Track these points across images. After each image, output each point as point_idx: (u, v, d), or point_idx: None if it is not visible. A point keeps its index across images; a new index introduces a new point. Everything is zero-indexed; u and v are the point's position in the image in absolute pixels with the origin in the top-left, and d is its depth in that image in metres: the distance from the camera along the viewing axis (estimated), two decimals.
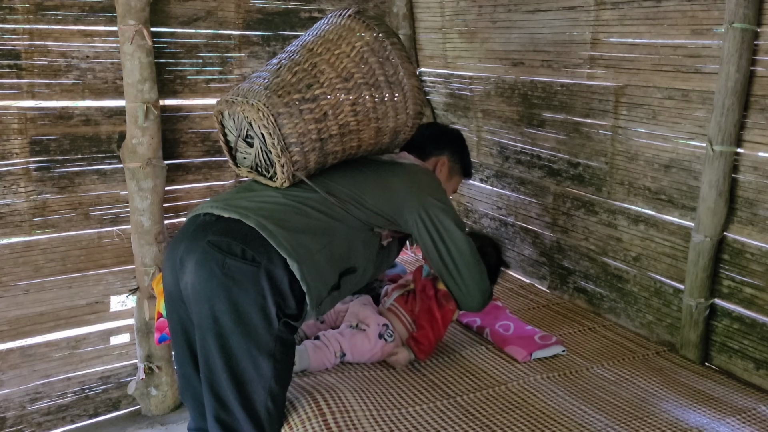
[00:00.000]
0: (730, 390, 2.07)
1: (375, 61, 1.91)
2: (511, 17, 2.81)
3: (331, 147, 1.89)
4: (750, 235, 2.11)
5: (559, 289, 2.86)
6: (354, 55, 1.89)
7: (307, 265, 1.75)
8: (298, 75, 1.85)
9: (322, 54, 1.88)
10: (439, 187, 2.14)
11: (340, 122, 1.87)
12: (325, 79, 1.85)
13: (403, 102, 1.98)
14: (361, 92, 1.89)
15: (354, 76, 1.88)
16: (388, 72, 1.93)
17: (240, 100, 1.82)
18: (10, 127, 2.53)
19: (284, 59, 1.91)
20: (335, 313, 2.29)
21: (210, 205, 1.85)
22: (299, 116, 1.81)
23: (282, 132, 1.79)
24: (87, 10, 2.59)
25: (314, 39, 1.93)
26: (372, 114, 1.93)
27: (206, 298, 1.72)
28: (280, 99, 1.79)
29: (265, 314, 1.71)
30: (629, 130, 2.43)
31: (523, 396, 2.00)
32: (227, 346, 1.72)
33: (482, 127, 3.16)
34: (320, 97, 1.84)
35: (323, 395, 1.88)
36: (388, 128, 2.00)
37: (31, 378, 2.71)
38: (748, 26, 1.96)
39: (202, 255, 1.73)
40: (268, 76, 1.85)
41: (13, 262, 2.61)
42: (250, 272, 1.70)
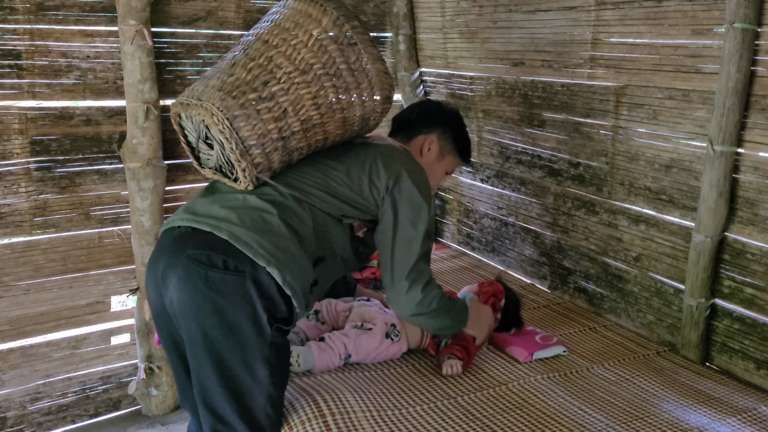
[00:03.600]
0: (731, 390, 2.07)
1: (335, 49, 1.78)
2: (511, 17, 2.81)
3: (294, 144, 1.80)
4: (751, 235, 2.11)
5: (559, 289, 2.86)
6: (312, 44, 1.76)
7: (289, 267, 1.70)
8: (253, 72, 1.73)
9: (278, 46, 1.76)
10: (420, 170, 2.00)
11: (301, 118, 1.77)
12: (282, 74, 1.74)
13: (369, 89, 1.87)
14: (322, 84, 1.78)
15: (313, 68, 1.76)
16: (350, 59, 1.80)
17: (194, 102, 1.71)
18: (10, 127, 2.53)
19: (239, 54, 1.79)
20: (336, 314, 2.29)
21: (181, 217, 1.78)
22: (257, 117, 1.70)
23: (240, 135, 1.69)
24: (88, 10, 2.59)
25: (269, 28, 1.80)
26: (336, 105, 1.82)
27: (193, 314, 1.67)
28: (235, 101, 1.69)
29: (257, 322, 1.67)
30: (630, 130, 2.43)
31: (524, 396, 2.00)
32: (221, 360, 1.67)
33: (483, 127, 3.16)
34: (278, 94, 1.73)
35: (323, 396, 1.87)
36: (356, 117, 1.89)
37: (32, 378, 2.71)
38: (748, 26, 1.96)
39: (184, 270, 1.67)
40: (222, 75, 1.74)
41: (14, 262, 2.61)
42: (236, 282, 1.66)
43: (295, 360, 2.04)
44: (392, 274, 1.93)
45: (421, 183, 1.96)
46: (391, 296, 1.98)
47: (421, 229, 1.92)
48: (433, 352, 2.22)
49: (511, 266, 3.12)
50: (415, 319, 2.00)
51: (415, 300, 1.93)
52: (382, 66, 1.87)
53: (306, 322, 2.27)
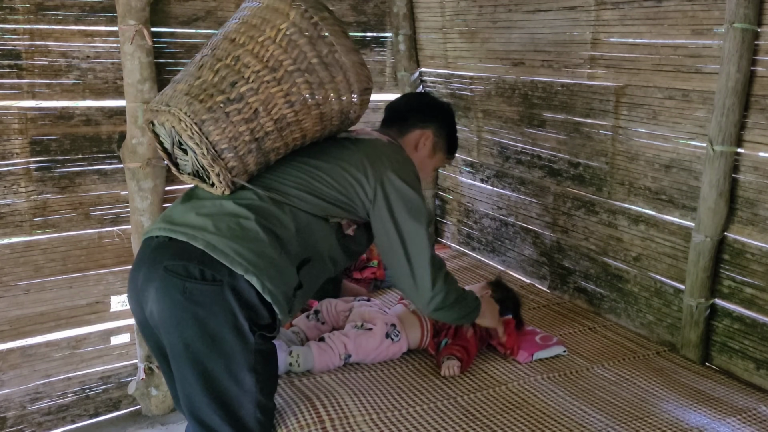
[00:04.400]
0: (731, 390, 2.07)
1: (305, 43, 1.70)
2: (511, 17, 2.81)
3: (270, 144, 1.73)
4: (750, 235, 2.11)
5: (559, 289, 2.86)
6: (280, 39, 1.68)
7: (268, 273, 1.66)
8: (220, 73, 1.67)
9: (245, 44, 1.69)
10: (407, 164, 1.96)
11: (274, 117, 1.70)
12: (250, 74, 1.67)
13: (344, 82, 1.78)
14: (294, 80, 1.70)
15: (283, 64, 1.68)
16: (322, 52, 1.72)
17: (163, 108, 1.65)
18: (10, 127, 2.53)
19: (206, 55, 1.72)
20: (337, 314, 2.30)
21: (158, 226, 1.74)
22: (226, 120, 1.64)
23: (210, 140, 1.63)
24: (87, 10, 2.59)
25: (236, 26, 1.73)
26: (311, 101, 1.74)
27: (173, 326, 1.65)
28: (203, 104, 1.62)
29: (239, 331, 1.64)
30: (630, 130, 2.43)
31: (524, 396, 2.00)
32: (205, 371, 1.65)
33: (483, 127, 3.16)
34: (247, 94, 1.66)
35: (322, 401, 1.87)
36: (333, 111, 1.82)
37: (32, 378, 2.71)
38: (748, 26, 1.96)
39: (161, 283, 1.64)
40: (190, 78, 1.68)
41: (14, 262, 2.61)
42: (214, 292, 1.62)
43: (295, 360, 2.04)
44: (413, 273, 1.90)
45: (410, 177, 1.92)
46: (416, 295, 1.94)
47: (423, 221, 1.90)
48: (433, 352, 2.22)
49: (511, 266, 3.12)
50: (440, 313, 1.98)
51: (441, 293, 1.92)
52: (357, 57, 1.78)
53: (306, 322, 2.27)
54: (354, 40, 3.25)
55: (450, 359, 2.12)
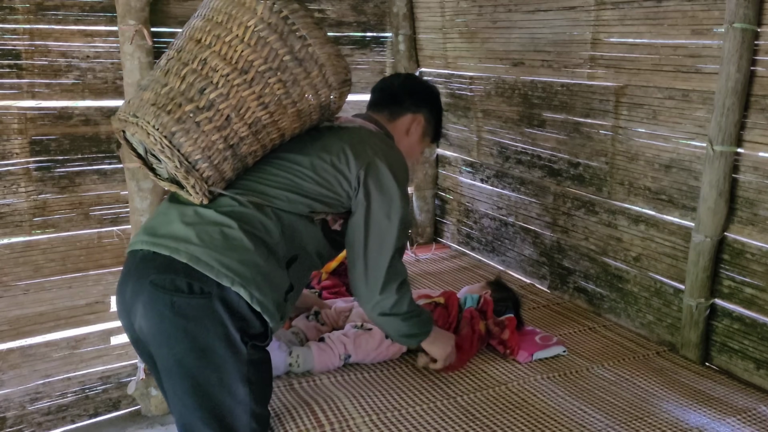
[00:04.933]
0: (731, 390, 2.07)
1: (275, 39, 1.59)
2: (511, 17, 2.81)
3: (246, 149, 1.65)
4: (750, 235, 2.11)
5: (559, 289, 2.86)
6: (248, 38, 1.57)
7: (256, 283, 1.61)
8: (187, 79, 1.57)
9: (211, 45, 1.58)
10: (395, 155, 1.87)
11: (248, 122, 1.61)
12: (218, 78, 1.57)
13: (320, 76, 1.68)
14: (266, 81, 1.60)
15: (253, 65, 1.58)
16: (294, 47, 1.61)
17: (131, 120, 1.57)
18: (10, 127, 2.53)
19: (172, 58, 1.62)
20: (336, 314, 2.30)
21: (141, 239, 1.67)
22: (197, 130, 1.55)
23: (182, 152, 1.55)
24: (87, 10, 2.59)
25: (201, 24, 1.62)
26: (286, 100, 1.65)
27: (163, 342, 1.61)
28: (171, 116, 1.54)
29: (230, 343, 1.60)
30: (629, 130, 2.43)
31: (524, 396, 2.00)
32: (198, 385, 1.61)
33: (482, 127, 3.16)
34: (217, 101, 1.56)
35: (321, 406, 1.87)
36: (311, 107, 1.73)
37: (31, 378, 2.71)
38: (748, 26, 1.96)
39: (148, 298, 1.60)
40: (156, 86, 1.59)
41: (14, 262, 2.61)
42: (202, 305, 1.58)
43: (295, 360, 2.04)
44: (366, 270, 1.82)
45: (398, 170, 1.84)
46: (363, 294, 1.86)
47: (396, 221, 1.81)
48: None
49: (511, 266, 3.12)
50: (384, 319, 1.88)
51: (390, 300, 1.84)
52: (332, 49, 1.68)
53: (306, 323, 2.27)
54: (354, 40, 3.30)
55: None
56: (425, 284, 2.92)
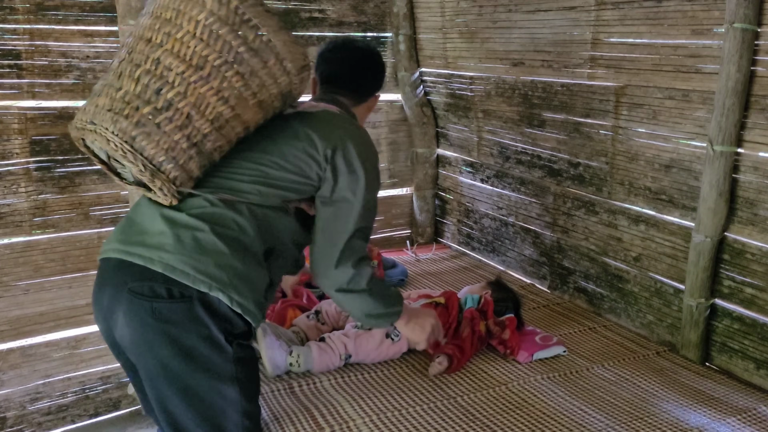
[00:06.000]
0: (731, 390, 2.07)
1: (228, 31, 1.55)
2: (511, 17, 2.81)
3: (210, 146, 1.61)
4: (750, 236, 2.11)
5: (559, 289, 2.86)
6: (200, 33, 1.53)
7: (234, 286, 1.59)
8: (142, 80, 1.52)
9: (162, 43, 1.54)
10: (360, 134, 1.84)
11: (210, 118, 1.57)
12: (174, 77, 1.53)
13: (278, 64, 1.64)
14: (223, 75, 1.56)
15: (208, 60, 1.54)
16: (248, 38, 1.57)
17: (88, 127, 1.53)
18: (10, 127, 2.53)
19: (124, 60, 1.57)
20: (337, 314, 2.29)
21: (114, 247, 1.64)
22: (158, 131, 1.52)
23: (145, 156, 1.52)
24: (87, 10, 2.59)
25: (150, 23, 1.57)
26: (246, 93, 1.61)
27: (147, 349, 1.59)
28: (129, 120, 1.50)
29: (215, 344, 1.59)
30: (630, 130, 2.43)
31: (524, 396, 2.00)
32: (186, 389, 1.60)
33: (483, 127, 3.16)
34: (175, 100, 1.53)
35: (320, 410, 1.87)
36: (273, 96, 1.68)
37: (32, 378, 2.71)
38: (748, 26, 1.96)
39: (128, 306, 1.57)
40: (110, 90, 1.54)
41: (14, 262, 2.61)
42: (184, 309, 1.56)
43: (296, 360, 2.04)
44: (324, 244, 1.78)
45: (366, 150, 1.82)
46: (320, 269, 1.81)
47: (360, 197, 1.77)
48: (432, 352, 2.22)
49: (511, 266, 3.12)
50: (341, 296, 1.83)
51: (346, 275, 1.79)
52: (287, 36, 1.63)
53: (306, 322, 2.27)
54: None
55: (437, 357, 2.12)
56: (425, 284, 2.92)
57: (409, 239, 3.58)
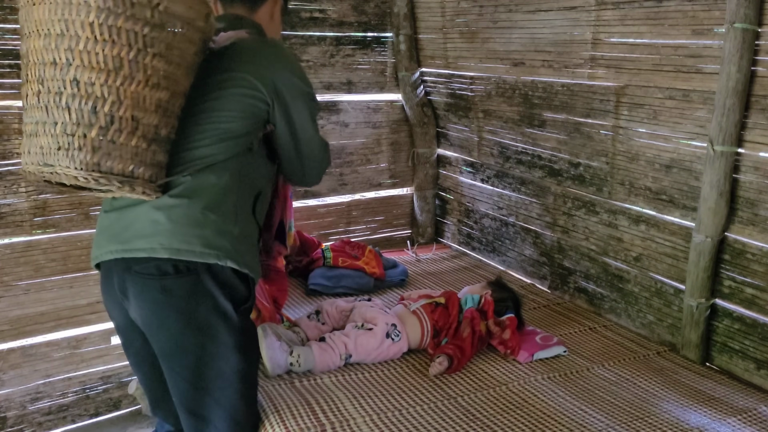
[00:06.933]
0: (731, 390, 2.07)
1: (125, 20, 1.45)
2: (511, 17, 2.81)
3: (165, 132, 1.59)
4: (751, 236, 2.11)
5: (559, 289, 2.86)
6: (100, 34, 1.44)
7: (236, 250, 1.66)
8: (72, 106, 1.45)
9: (71, 61, 1.44)
10: (280, 51, 1.82)
11: (152, 108, 1.54)
12: (100, 89, 1.46)
13: (188, 26, 1.57)
14: (143, 63, 1.49)
15: (122, 57, 1.46)
16: (147, 16, 1.47)
17: (47, 170, 1.49)
18: (10, 127, 2.53)
19: (42, 92, 1.48)
20: (338, 313, 2.30)
21: (110, 249, 1.67)
22: (115, 147, 1.48)
23: (115, 173, 1.49)
24: None
25: (43, 44, 1.47)
26: (171, 68, 1.55)
27: (160, 325, 1.65)
28: (84, 150, 1.45)
29: (223, 314, 1.66)
30: (630, 130, 2.43)
31: (524, 396, 2.00)
32: (199, 360, 1.67)
33: (483, 127, 3.16)
34: (115, 110, 1.48)
35: (321, 406, 1.88)
36: (193, 53, 1.62)
37: (32, 378, 2.71)
38: (748, 26, 1.96)
39: (139, 287, 1.63)
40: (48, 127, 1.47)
41: (14, 261, 2.61)
42: (193, 283, 1.62)
43: (296, 360, 2.05)
44: (303, 165, 1.89)
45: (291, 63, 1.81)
46: (306, 180, 1.97)
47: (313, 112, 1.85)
48: (432, 352, 2.22)
49: (512, 266, 3.12)
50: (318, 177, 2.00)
51: (324, 167, 1.98)
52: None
53: (306, 322, 2.27)
54: (355, 40, 3.30)
55: (438, 357, 2.12)
56: (426, 284, 2.92)
57: (410, 239, 3.58)
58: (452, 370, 2.12)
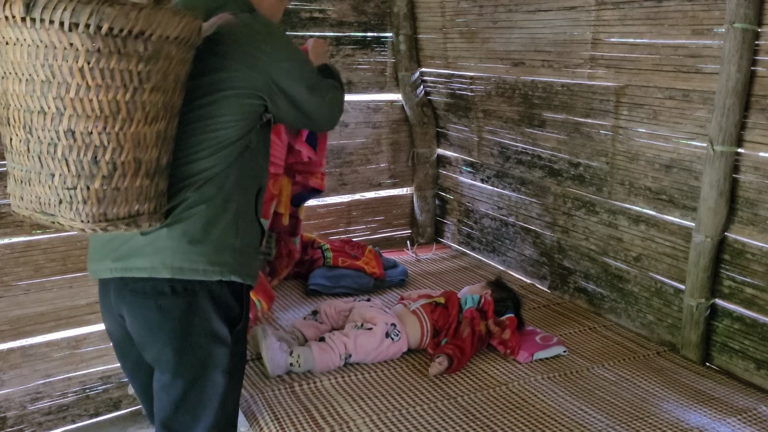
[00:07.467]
0: (731, 390, 2.07)
1: (118, 60, 1.31)
2: (511, 17, 2.81)
3: (166, 159, 1.50)
4: (751, 236, 2.11)
5: (559, 289, 2.86)
6: (92, 79, 1.29)
7: (239, 261, 1.61)
8: (71, 158, 1.34)
9: (63, 110, 1.30)
10: (270, 34, 1.65)
11: (152, 143, 1.44)
12: (98, 138, 1.34)
13: (179, 47, 1.42)
14: (140, 101, 1.37)
15: (118, 100, 1.33)
16: (140, 50, 1.33)
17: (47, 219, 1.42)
18: None
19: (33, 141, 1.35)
20: (336, 313, 2.30)
21: (107, 267, 1.60)
22: (120, 193, 1.40)
23: (121, 218, 1.42)
24: None
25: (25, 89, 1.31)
26: (167, 97, 1.44)
27: (153, 343, 1.61)
28: (88, 203, 1.37)
29: (217, 336, 1.61)
30: (630, 130, 2.43)
31: (524, 396, 2.00)
32: (186, 383, 1.62)
33: (483, 127, 3.16)
34: (115, 157, 1.37)
35: (320, 410, 1.88)
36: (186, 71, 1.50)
37: (32, 378, 2.71)
38: (748, 26, 1.96)
39: (133, 305, 1.59)
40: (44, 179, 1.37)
41: (14, 261, 2.61)
42: (188, 303, 1.57)
43: (296, 360, 2.05)
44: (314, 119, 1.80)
45: (283, 45, 1.66)
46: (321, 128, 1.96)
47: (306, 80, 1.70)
48: (432, 352, 2.22)
49: (512, 266, 3.12)
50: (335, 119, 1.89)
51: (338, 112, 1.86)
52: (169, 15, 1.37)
53: (303, 322, 2.27)
54: (355, 40, 3.30)
55: (438, 357, 2.12)
56: (426, 284, 2.92)
57: (410, 239, 3.58)
58: (452, 370, 2.12)
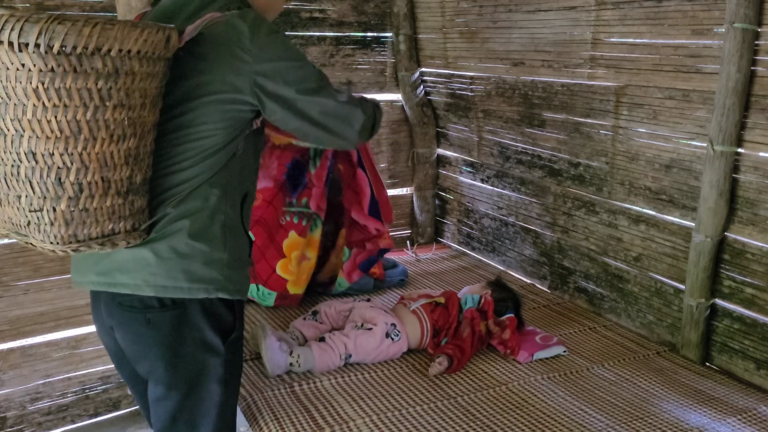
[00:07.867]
0: (731, 390, 2.07)
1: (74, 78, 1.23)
2: (511, 17, 2.81)
3: (140, 177, 1.43)
4: (751, 235, 2.11)
5: (559, 289, 2.86)
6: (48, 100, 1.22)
7: (226, 277, 1.55)
8: (34, 180, 1.28)
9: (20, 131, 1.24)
10: (260, 34, 1.50)
11: (122, 162, 1.37)
12: (60, 159, 1.27)
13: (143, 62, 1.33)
14: (104, 120, 1.29)
15: (78, 120, 1.26)
16: (100, 68, 1.25)
17: (20, 237, 1.38)
18: None
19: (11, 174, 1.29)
20: (336, 313, 2.30)
21: (90, 280, 1.56)
22: (90, 213, 1.34)
23: (94, 237, 1.37)
24: (87, 10, 2.59)
25: None
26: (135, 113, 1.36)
27: (144, 356, 1.57)
28: (56, 225, 1.31)
29: (209, 347, 1.57)
30: (630, 130, 2.43)
31: (524, 396, 2.00)
32: (180, 395, 1.59)
33: (483, 127, 3.16)
34: (80, 176, 1.30)
35: (320, 411, 1.88)
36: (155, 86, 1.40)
37: (32, 378, 2.71)
38: (748, 26, 1.96)
39: (122, 318, 1.55)
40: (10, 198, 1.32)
41: (13, 261, 2.61)
42: (178, 316, 1.52)
43: (296, 360, 2.05)
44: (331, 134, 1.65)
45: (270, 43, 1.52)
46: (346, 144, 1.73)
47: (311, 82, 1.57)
48: (432, 352, 2.22)
49: (511, 266, 3.12)
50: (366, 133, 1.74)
51: (368, 127, 1.72)
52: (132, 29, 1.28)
53: (303, 322, 2.27)
54: (355, 40, 3.30)
55: (438, 357, 2.12)
56: (425, 284, 2.92)
57: (410, 239, 3.58)
58: (452, 370, 2.12)
